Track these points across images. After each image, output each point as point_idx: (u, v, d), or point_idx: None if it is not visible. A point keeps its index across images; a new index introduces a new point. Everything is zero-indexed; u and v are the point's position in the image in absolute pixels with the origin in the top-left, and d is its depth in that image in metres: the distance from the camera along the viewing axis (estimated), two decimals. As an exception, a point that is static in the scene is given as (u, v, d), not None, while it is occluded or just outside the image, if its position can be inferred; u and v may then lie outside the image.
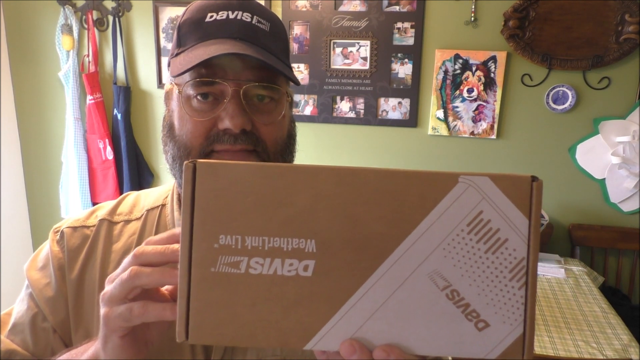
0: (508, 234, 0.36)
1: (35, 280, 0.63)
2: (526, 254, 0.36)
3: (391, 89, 2.29)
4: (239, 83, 0.56)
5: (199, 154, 0.57)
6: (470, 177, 0.36)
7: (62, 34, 2.42)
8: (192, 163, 0.36)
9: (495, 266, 0.36)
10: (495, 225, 0.36)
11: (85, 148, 2.53)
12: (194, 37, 0.58)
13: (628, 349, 1.36)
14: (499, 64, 2.16)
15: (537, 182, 0.36)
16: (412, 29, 2.22)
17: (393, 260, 0.36)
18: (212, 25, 0.57)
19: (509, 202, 0.36)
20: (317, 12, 2.27)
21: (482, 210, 0.36)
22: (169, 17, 2.40)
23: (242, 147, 0.56)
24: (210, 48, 0.55)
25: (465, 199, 0.36)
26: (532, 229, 0.36)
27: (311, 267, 0.36)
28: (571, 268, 1.96)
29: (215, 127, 0.56)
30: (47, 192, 2.70)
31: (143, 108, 2.54)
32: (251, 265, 0.36)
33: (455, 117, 2.26)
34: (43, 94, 2.60)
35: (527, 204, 0.36)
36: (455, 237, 0.36)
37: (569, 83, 2.13)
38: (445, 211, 0.36)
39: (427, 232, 0.36)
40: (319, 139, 2.41)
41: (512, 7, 2.08)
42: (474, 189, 0.36)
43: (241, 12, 0.57)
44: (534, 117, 2.20)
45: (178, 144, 0.59)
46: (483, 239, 0.36)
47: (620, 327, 1.49)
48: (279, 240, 0.36)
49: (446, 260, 0.36)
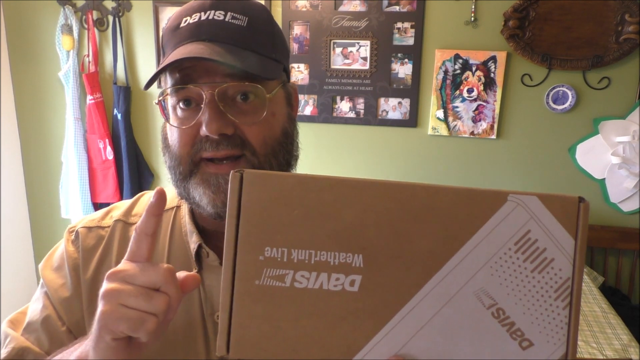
0: (554, 253, 0.36)
1: (50, 281, 0.63)
2: (571, 274, 0.36)
3: (391, 89, 2.29)
4: (212, 85, 0.53)
5: (189, 162, 0.56)
6: (519, 196, 0.36)
7: (62, 34, 2.42)
8: (240, 172, 0.36)
9: (541, 285, 0.36)
10: (542, 244, 0.36)
11: (85, 148, 2.53)
12: (170, 44, 0.57)
13: (628, 349, 1.36)
14: (499, 64, 2.16)
15: (584, 203, 0.37)
16: (412, 29, 2.22)
17: (440, 277, 0.36)
18: (185, 30, 0.56)
19: (557, 222, 0.36)
20: (317, 12, 2.27)
21: (530, 230, 0.36)
22: (168, 17, 2.39)
23: (226, 153, 0.54)
24: (175, 53, 0.53)
25: (513, 217, 0.36)
26: (578, 249, 0.36)
27: (358, 282, 0.36)
28: (571, 268, 1.95)
29: (198, 134, 0.54)
30: (47, 192, 2.70)
31: (143, 108, 2.54)
32: (297, 279, 0.36)
33: (455, 117, 2.26)
34: (43, 94, 2.60)
35: (574, 224, 0.36)
36: (503, 256, 0.36)
37: (569, 83, 2.13)
38: (493, 229, 0.36)
39: (474, 250, 0.36)
40: (319, 139, 2.41)
41: (512, 7, 2.08)
42: (522, 208, 0.36)
43: (214, 11, 0.55)
44: (534, 117, 2.20)
45: (170, 154, 0.58)
46: (530, 258, 0.36)
47: (620, 327, 1.49)
48: (325, 254, 0.36)
49: (493, 278, 0.36)
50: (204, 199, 0.55)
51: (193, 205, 0.58)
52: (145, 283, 0.42)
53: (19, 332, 0.61)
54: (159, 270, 0.42)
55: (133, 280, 0.42)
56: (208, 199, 0.55)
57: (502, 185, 2.29)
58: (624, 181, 2.14)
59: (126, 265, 0.44)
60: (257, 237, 0.36)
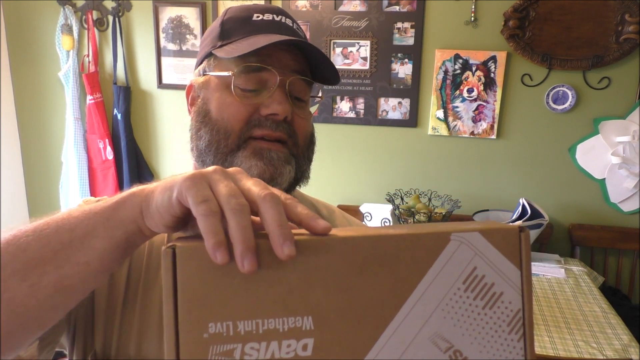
0: (503, 287, 0.36)
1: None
2: (521, 305, 0.37)
3: (391, 89, 2.29)
4: (285, 74, 0.59)
5: (238, 138, 0.59)
6: (461, 234, 0.36)
7: (62, 34, 2.42)
8: (171, 248, 0.33)
9: (493, 321, 0.36)
10: (490, 279, 0.36)
11: (85, 148, 2.53)
12: (243, 31, 0.61)
13: (628, 349, 1.36)
14: (499, 64, 2.16)
15: (524, 232, 0.37)
16: (412, 29, 2.22)
17: (394, 327, 0.35)
18: (260, 23, 0.61)
19: (501, 255, 0.36)
20: (317, 12, 2.27)
21: (476, 267, 0.36)
22: (169, 17, 2.40)
23: (279, 135, 0.59)
24: (266, 37, 0.57)
25: (458, 256, 0.36)
26: (524, 279, 0.37)
27: (310, 346, 0.34)
28: (571, 268, 1.96)
29: (256, 113, 0.59)
30: (47, 192, 2.71)
31: (143, 108, 2.55)
32: (246, 352, 0.33)
33: (455, 117, 2.26)
34: (43, 94, 2.60)
35: (518, 255, 0.36)
36: (453, 297, 0.36)
37: (569, 83, 2.13)
38: (440, 271, 0.35)
39: (424, 294, 0.35)
40: (319, 139, 2.37)
41: (512, 7, 2.08)
42: (466, 245, 0.36)
43: (284, 17, 0.62)
44: (534, 117, 2.20)
45: (216, 127, 0.60)
46: (479, 295, 0.36)
47: (620, 327, 1.49)
48: (274, 322, 0.34)
49: (446, 320, 0.36)
50: (254, 170, 0.58)
51: None
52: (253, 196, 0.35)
53: None
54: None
55: (241, 185, 0.36)
56: (259, 170, 0.58)
57: (502, 185, 2.29)
58: (624, 181, 2.14)
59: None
60: (198, 314, 0.33)
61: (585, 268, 1.99)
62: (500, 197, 2.30)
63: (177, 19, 2.40)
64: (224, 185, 0.35)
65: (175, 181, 0.37)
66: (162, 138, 2.57)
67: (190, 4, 2.36)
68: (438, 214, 2.02)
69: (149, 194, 0.40)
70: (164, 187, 0.39)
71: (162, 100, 2.52)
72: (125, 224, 0.41)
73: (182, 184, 0.36)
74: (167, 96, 2.51)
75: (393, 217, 2.09)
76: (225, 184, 0.35)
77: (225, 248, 0.32)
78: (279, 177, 0.59)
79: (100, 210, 0.43)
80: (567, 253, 2.25)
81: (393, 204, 2.09)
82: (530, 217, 1.94)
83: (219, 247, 0.32)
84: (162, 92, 2.51)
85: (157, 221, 0.39)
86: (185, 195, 0.35)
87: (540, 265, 1.96)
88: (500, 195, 2.31)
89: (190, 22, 2.39)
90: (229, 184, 0.35)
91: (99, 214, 0.42)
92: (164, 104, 2.53)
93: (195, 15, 2.38)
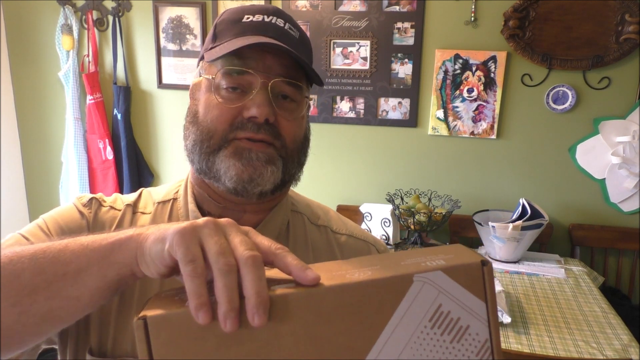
0: (469, 320, 0.37)
1: (58, 211, 0.63)
2: (488, 335, 0.38)
3: (391, 89, 2.29)
4: (267, 76, 0.59)
5: (221, 139, 0.59)
6: (424, 275, 0.37)
7: (62, 34, 2.42)
8: (142, 320, 0.34)
9: (462, 353, 0.37)
10: (456, 314, 0.37)
11: (85, 148, 2.53)
12: (230, 33, 0.62)
13: (628, 349, 1.36)
14: (499, 64, 2.16)
15: (487, 266, 0.38)
16: (412, 29, 2.22)
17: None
18: (248, 24, 0.62)
19: (465, 290, 0.37)
20: (317, 12, 2.27)
21: (441, 304, 0.37)
22: (169, 17, 2.40)
23: (263, 137, 0.59)
24: (246, 39, 0.59)
25: (422, 296, 0.37)
26: (490, 310, 0.38)
27: None
28: (571, 268, 1.95)
29: (240, 116, 0.59)
30: (47, 192, 2.71)
31: (143, 108, 2.55)
32: None
33: (455, 117, 2.26)
34: (43, 94, 2.60)
35: (482, 288, 0.38)
36: (420, 335, 0.37)
37: (569, 83, 2.13)
38: (406, 312, 0.37)
39: (392, 335, 0.36)
40: (319, 139, 2.41)
41: (512, 7, 2.08)
42: (429, 285, 0.37)
43: (275, 17, 0.63)
44: (534, 117, 2.20)
45: (201, 128, 0.61)
46: (447, 330, 0.37)
47: (620, 327, 1.49)
48: None
49: (415, 358, 0.37)
50: (232, 170, 0.58)
51: (212, 179, 0.61)
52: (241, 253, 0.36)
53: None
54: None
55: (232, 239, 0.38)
56: (236, 170, 0.58)
57: (502, 185, 2.29)
58: (624, 181, 2.14)
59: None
60: None
61: (585, 268, 1.99)
62: (500, 197, 2.30)
63: (177, 19, 2.40)
64: (213, 242, 0.37)
65: (167, 232, 0.39)
66: (162, 138, 2.57)
67: (190, 4, 2.36)
68: (438, 214, 2.02)
69: (143, 242, 0.42)
70: (157, 238, 0.40)
71: (162, 100, 2.52)
72: (119, 267, 0.43)
73: (174, 238, 0.37)
74: (167, 96, 2.51)
75: (393, 217, 2.09)
76: (215, 241, 0.37)
77: (208, 309, 0.34)
78: (258, 177, 0.59)
79: (97, 247, 0.44)
80: (567, 253, 2.25)
81: (393, 204, 2.09)
82: (530, 217, 1.94)
83: (202, 308, 0.33)
84: (162, 92, 2.51)
85: (152, 270, 0.41)
86: (175, 250, 0.37)
87: (540, 265, 1.96)
88: (500, 195, 2.31)
89: (190, 22, 2.39)
90: (219, 240, 0.37)
91: (95, 251, 0.44)
92: (164, 104, 2.53)
93: (195, 15, 2.38)
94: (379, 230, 2.12)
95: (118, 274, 0.43)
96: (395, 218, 2.11)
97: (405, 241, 2.15)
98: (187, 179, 0.69)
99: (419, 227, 2.02)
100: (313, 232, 0.70)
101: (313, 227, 0.71)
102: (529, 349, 1.35)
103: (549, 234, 2.21)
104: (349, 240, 0.72)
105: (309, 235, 0.70)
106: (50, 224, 0.61)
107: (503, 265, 1.96)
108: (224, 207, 0.64)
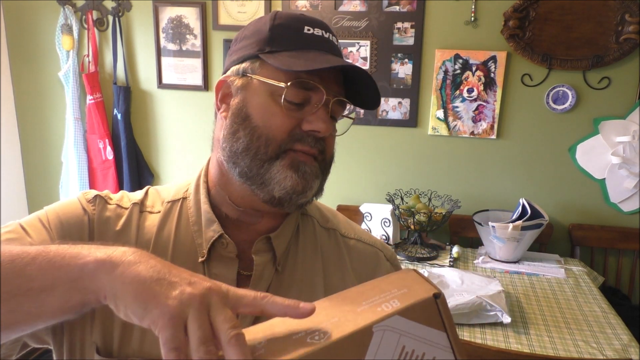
0: (434, 352, 0.40)
1: (59, 205, 0.62)
2: (454, 357, 0.40)
3: (391, 89, 2.29)
4: (330, 94, 0.61)
5: (278, 147, 0.60)
6: (381, 324, 0.38)
7: (62, 34, 2.42)
8: None
9: None
10: (420, 350, 0.39)
11: (85, 148, 2.53)
12: (294, 42, 0.62)
13: (628, 349, 1.36)
14: (499, 64, 2.16)
15: (440, 298, 0.40)
16: (412, 29, 2.22)
17: None
18: (311, 37, 0.62)
19: (423, 326, 0.39)
20: (317, 12, 2.27)
21: (404, 345, 0.39)
22: (169, 17, 2.40)
23: (316, 152, 0.61)
24: (322, 56, 0.60)
25: (385, 343, 0.38)
26: (450, 337, 0.40)
27: None
28: (571, 268, 1.96)
29: (297, 127, 0.60)
30: (47, 192, 2.71)
31: (143, 108, 2.55)
32: None
33: (455, 117, 2.26)
34: (43, 94, 2.60)
35: (439, 319, 0.40)
36: None
37: (569, 83, 2.13)
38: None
39: None
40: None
41: (512, 7, 2.08)
42: (390, 331, 0.38)
43: (330, 34, 0.64)
44: (534, 117, 2.20)
45: (257, 134, 0.60)
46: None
47: (620, 327, 1.49)
48: None
49: None
50: (288, 181, 0.59)
51: (258, 185, 0.61)
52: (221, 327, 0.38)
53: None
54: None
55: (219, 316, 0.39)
56: (292, 182, 0.59)
57: (502, 185, 2.29)
58: (624, 181, 2.14)
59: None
60: None
61: (585, 268, 1.99)
62: (500, 197, 2.30)
63: (177, 19, 2.40)
64: (197, 326, 0.37)
65: (149, 297, 0.39)
66: (162, 138, 2.57)
67: (190, 4, 2.36)
68: (438, 214, 2.02)
69: (118, 281, 0.41)
70: (138, 296, 0.40)
71: (162, 100, 2.52)
72: (86, 293, 0.43)
73: (160, 320, 0.38)
74: (167, 96, 2.51)
75: (393, 217, 2.09)
76: (199, 325, 0.37)
77: None
78: (308, 190, 0.61)
79: (65, 267, 0.43)
80: (567, 253, 2.25)
81: (393, 204, 2.09)
82: (530, 217, 1.94)
83: None
84: (162, 92, 2.51)
85: (121, 315, 0.41)
86: (159, 331, 0.38)
87: (540, 265, 1.96)
88: (500, 195, 2.31)
89: (190, 22, 2.39)
90: (202, 325, 0.38)
91: (62, 271, 0.43)
92: (164, 104, 2.53)
93: (195, 15, 2.38)
94: (379, 231, 2.12)
95: (83, 299, 0.43)
96: (395, 218, 2.11)
97: (405, 241, 2.15)
98: (199, 179, 0.68)
99: (419, 227, 2.02)
100: (322, 236, 0.71)
101: (322, 230, 0.71)
102: (529, 349, 1.35)
103: (549, 234, 2.21)
104: (357, 244, 0.72)
105: (318, 238, 0.70)
106: (51, 217, 0.61)
107: (503, 265, 1.96)
108: (243, 211, 0.64)
